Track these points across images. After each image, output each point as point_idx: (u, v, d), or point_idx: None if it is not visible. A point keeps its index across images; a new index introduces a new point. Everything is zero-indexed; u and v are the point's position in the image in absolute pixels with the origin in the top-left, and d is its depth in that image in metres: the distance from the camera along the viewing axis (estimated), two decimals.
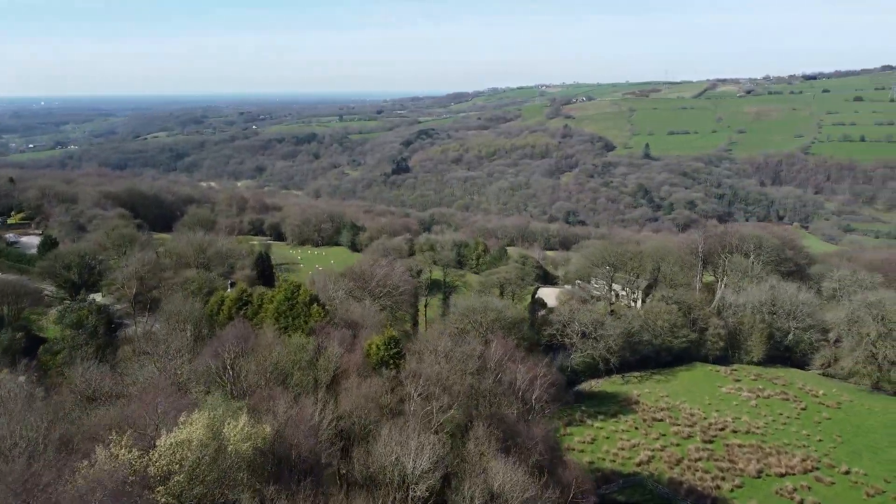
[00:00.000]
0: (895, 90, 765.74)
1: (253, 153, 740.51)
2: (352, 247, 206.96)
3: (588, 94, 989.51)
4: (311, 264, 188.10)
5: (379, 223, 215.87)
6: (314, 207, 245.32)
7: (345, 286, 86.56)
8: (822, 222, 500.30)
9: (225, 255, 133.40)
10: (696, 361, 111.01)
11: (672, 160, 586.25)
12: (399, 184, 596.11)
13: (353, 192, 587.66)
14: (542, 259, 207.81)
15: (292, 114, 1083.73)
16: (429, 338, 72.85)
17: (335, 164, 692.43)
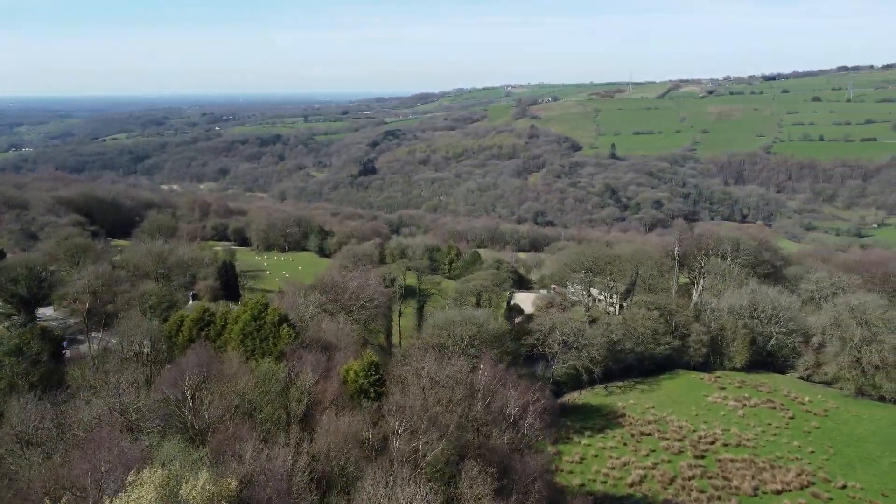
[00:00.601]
0: (851, 91, 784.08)
1: (216, 155, 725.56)
2: (320, 252, 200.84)
3: (554, 94, 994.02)
4: (278, 271, 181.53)
5: (348, 227, 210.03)
6: (280, 211, 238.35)
7: (316, 300, 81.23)
8: (784, 220, 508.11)
9: (186, 264, 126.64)
10: (678, 369, 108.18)
11: (638, 160, 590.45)
12: (366, 185, 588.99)
13: (320, 193, 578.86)
14: (515, 262, 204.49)
15: (256, 115, 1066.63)
16: (410, 357, 67.91)
17: (301, 166, 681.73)
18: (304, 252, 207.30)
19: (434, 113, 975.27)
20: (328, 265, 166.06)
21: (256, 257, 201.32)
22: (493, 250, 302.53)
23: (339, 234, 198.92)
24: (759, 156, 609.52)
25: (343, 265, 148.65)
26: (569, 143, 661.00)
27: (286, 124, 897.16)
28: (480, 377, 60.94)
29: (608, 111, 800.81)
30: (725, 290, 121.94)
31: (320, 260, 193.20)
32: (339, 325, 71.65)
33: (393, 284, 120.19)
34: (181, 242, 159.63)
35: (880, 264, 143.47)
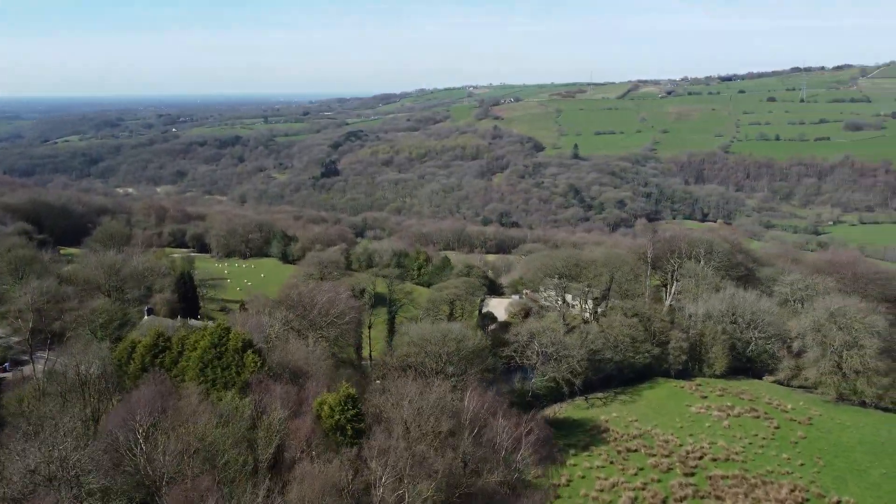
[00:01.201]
0: (804, 91, 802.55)
1: (173, 157, 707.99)
2: (283, 258, 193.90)
3: (515, 94, 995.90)
4: (240, 279, 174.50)
5: (312, 232, 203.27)
6: (241, 216, 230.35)
7: (282, 317, 75.59)
8: (744, 219, 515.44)
9: (141, 276, 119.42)
10: (657, 377, 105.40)
11: (600, 160, 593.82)
12: (329, 187, 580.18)
13: (281, 196, 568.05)
14: (484, 265, 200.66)
15: (214, 116, 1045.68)
16: (388, 380, 62.86)
17: (261, 168, 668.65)
18: (267, 258, 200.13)
19: (396, 113, 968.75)
20: (292, 272, 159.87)
21: (216, 265, 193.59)
22: (461, 253, 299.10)
23: (302, 240, 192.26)
24: (718, 155, 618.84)
25: (308, 273, 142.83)
26: (532, 143, 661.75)
27: (246, 125, 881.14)
28: (467, 405, 56.52)
29: (570, 111, 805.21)
30: (700, 294, 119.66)
31: (284, 267, 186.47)
32: (309, 347, 66.24)
33: (363, 295, 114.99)
34: (136, 251, 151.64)
35: (850, 264, 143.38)
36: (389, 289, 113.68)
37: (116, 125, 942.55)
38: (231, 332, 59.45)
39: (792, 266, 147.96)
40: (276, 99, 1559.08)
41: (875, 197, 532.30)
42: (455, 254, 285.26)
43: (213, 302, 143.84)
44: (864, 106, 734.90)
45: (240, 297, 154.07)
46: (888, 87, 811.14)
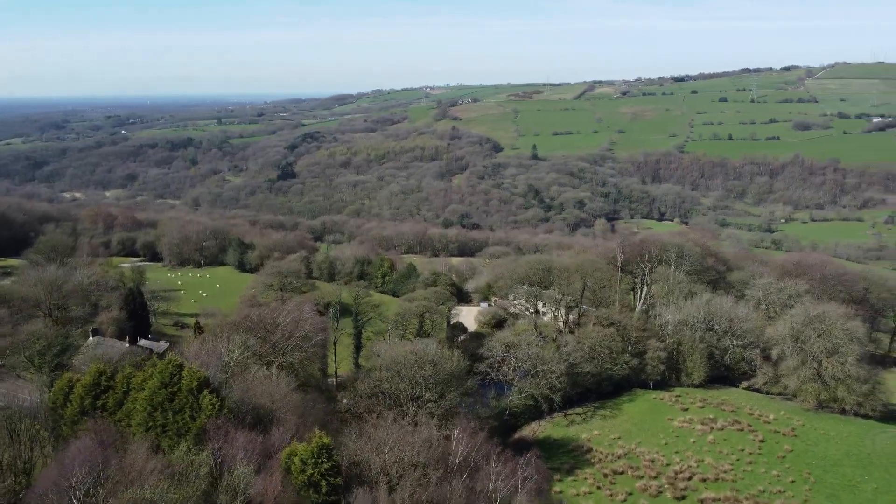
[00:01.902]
0: (754, 91, 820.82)
1: (123, 160, 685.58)
2: (240, 266, 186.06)
3: (473, 95, 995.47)
4: (194, 290, 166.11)
5: (270, 239, 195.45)
6: (195, 223, 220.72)
7: (242, 342, 68.98)
8: (700, 218, 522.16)
9: (86, 292, 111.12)
10: (635, 388, 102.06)
11: (559, 160, 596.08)
12: (285, 190, 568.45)
13: (236, 199, 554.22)
14: (449, 270, 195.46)
15: (166, 117, 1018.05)
16: (362, 410, 57.18)
17: (215, 171, 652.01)
18: (223, 267, 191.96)
19: (353, 114, 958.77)
20: (250, 282, 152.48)
21: (169, 274, 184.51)
22: (424, 257, 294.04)
23: (260, 247, 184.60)
24: (674, 155, 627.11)
25: (267, 284, 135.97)
26: (490, 144, 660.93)
27: (198, 127, 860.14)
28: (455, 448, 51.51)
29: (527, 112, 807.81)
30: (673, 300, 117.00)
31: (241, 276, 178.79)
32: (273, 379, 59.97)
33: (327, 310, 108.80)
34: (82, 262, 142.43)
35: (818, 266, 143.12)
36: (356, 302, 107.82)
37: (62, 127, 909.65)
38: (184, 370, 52.53)
39: (760, 268, 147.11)
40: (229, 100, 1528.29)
41: (824, 195, 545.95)
42: (418, 258, 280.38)
43: (165, 316, 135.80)
44: (810, 106, 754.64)
45: (195, 309, 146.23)
46: (833, 87, 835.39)
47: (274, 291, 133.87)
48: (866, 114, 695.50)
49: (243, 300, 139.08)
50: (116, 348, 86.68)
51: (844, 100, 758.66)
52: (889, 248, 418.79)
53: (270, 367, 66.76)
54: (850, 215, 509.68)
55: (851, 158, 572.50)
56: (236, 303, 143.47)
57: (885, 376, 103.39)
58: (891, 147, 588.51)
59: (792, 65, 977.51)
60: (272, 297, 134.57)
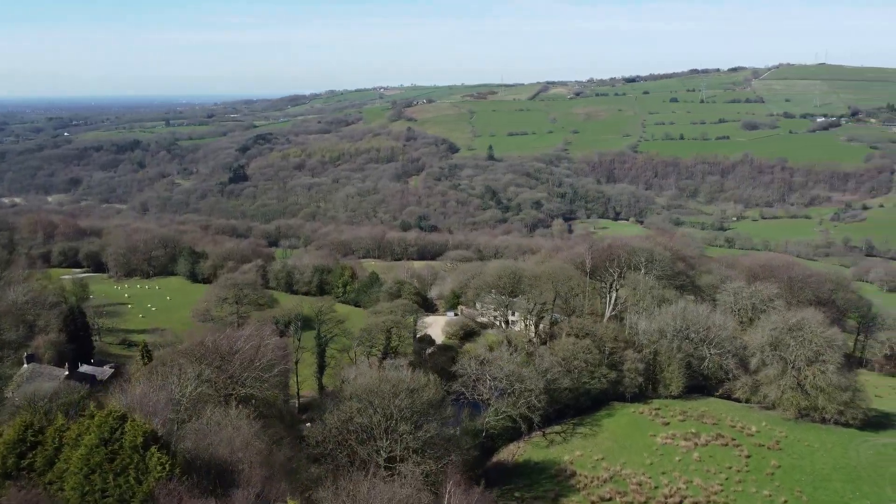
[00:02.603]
0: (704, 92, 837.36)
1: (66, 163, 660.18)
2: (191, 277, 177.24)
3: (427, 96, 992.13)
4: (143, 303, 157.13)
5: (223, 247, 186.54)
6: (143, 230, 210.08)
7: (196, 374, 61.89)
8: (655, 217, 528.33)
9: (21, 311, 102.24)
10: (613, 402, 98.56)
11: (515, 161, 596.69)
12: (238, 193, 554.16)
13: (187, 204, 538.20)
14: (411, 276, 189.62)
15: (111, 119, 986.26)
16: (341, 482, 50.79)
17: (164, 174, 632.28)
18: (173, 277, 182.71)
19: (306, 115, 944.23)
20: (203, 294, 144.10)
21: (115, 287, 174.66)
22: (383, 261, 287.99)
23: (213, 256, 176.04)
24: (627, 155, 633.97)
25: (222, 297, 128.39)
26: (446, 144, 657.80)
27: (146, 129, 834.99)
28: None
29: (482, 112, 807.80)
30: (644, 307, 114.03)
31: (192, 287, 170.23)
32: (233, 422, 53.37)
33: (288, 328, 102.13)
34: (18, 276, 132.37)
35: (784, 268, 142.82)
36: (318, 319, 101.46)
37: (0, 129, 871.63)
38: (128, 422, 45.42)
39: (728, 271, 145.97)
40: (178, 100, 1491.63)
41: (773, 193, 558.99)
42: (377, 263, 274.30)
43: (111, 334, 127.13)
44: (758, 106, 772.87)
45: (143, 324, 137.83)
46: (778, 88, 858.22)
47: (229, 305, 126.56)
48: (810, 114, 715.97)
49: (196, 314, 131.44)
50: (54, 376, 78.98)
51: (789, 100, 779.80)
52: (836, 244, 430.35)
53: (229, 402, 60.42)
54: (798, 213, 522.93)
55: (798, 157, 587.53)
56: (188, 317, 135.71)
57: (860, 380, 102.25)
58: (834, 146, 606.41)
59: (738, 66, 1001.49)
60: (227, 311, 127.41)
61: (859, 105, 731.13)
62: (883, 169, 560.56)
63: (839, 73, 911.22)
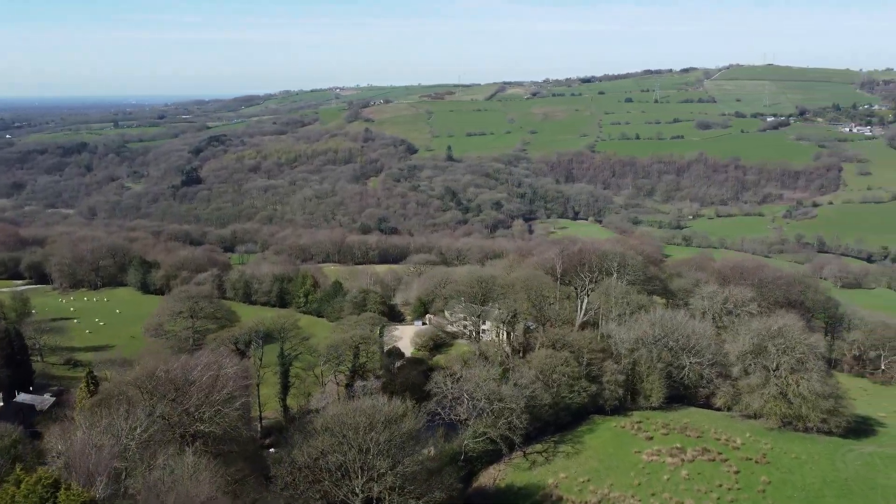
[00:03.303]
0: (658, 92, 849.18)
1: (7, 167, 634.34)
2: (142, 288, 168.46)
3: (384, 96, 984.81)
4: (90, 317, 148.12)
5: (177, 256, 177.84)
6: (90, 238, 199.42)
7: (146, 413, 54.82)
8: (613, 216, 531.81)
9: None
10: (593, 415, 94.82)
11: (474, 161, 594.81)
12: (191, 197, 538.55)
13: (137, 208, 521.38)
14: (375, 282, 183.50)
15: (56, 120, 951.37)
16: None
17: (113, 177, 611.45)
18: (123, 288, 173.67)
19: (261, 116, 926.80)
20: (156, 308, 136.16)
21: (60, 300, 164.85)
22: (344, 266, 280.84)
23: (165, 266, 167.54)
24: (585, 154, 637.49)
25: (176, 311, 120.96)
26: (405, 145, 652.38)
27: (93, 131, 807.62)
28: None
29: (440, 113, 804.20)
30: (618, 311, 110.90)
31: (144, 298, 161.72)
32: (190, 472, 46.96)
33: (248, 347, 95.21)
34: None
35: (755, 270, 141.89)
36: (281, 336, 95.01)
37: None
38: (61, 491, 38.11)
39: (699, 274, 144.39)
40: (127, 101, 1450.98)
41: (727, 191, 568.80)
42: (338, 267, 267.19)
43: (55, 353, 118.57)
44: (710, 106, 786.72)
45: (90, 340, 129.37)
46: (729, 88, 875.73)
47: (184, 319, 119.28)
48: (761, 113, 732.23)
49: (148, 329, 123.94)
50: None
51: (740, 100, 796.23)
52: (789, 241, 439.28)
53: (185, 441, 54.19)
54: (752, 210, 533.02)
55: (750, 156, 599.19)
56: (140, 332, 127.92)
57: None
58: (784, 145, 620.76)
59: (691, 66, 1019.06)
60: (182, 325, 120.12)
61: (806, 105, 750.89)
62: (831, 167, 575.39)
63: (786, 73, 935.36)
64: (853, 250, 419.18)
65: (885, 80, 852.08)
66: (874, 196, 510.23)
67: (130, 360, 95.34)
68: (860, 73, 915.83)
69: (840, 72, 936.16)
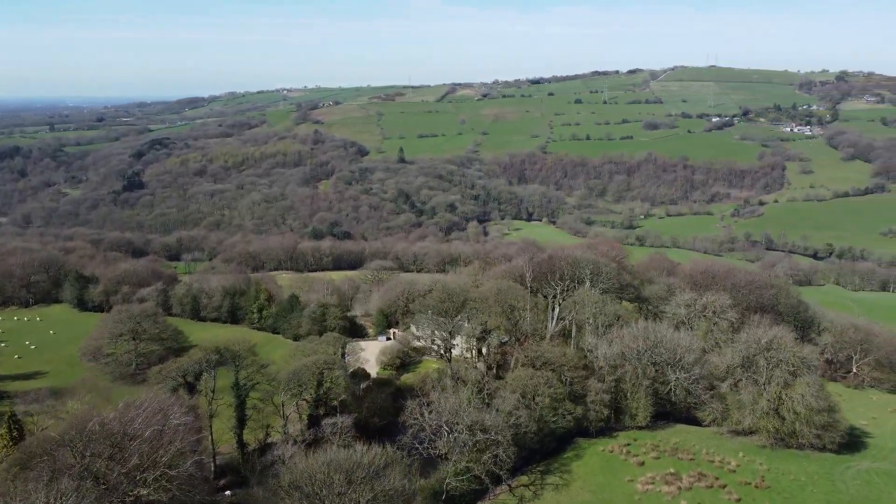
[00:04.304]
0: (606, 93, 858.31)
1: None
2: (79, 305, 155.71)
3: (334, 98, 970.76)
4: (20, 340, 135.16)
5: (118, 269, 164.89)
6: (20, 251, 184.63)
7: (74, 487, 45.02)
8: (567, 217, 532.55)
9: None
10: (577, 438, 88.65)
11: (426, 163, 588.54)
12: (133, 203, 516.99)
13: (76, 215, 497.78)
14: (331, 291, 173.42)
15: None
16: None
17: (49, 183, 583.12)
18: (57, 306, 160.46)
19: (206, 118, 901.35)
20: (95, 328, 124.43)
21: None
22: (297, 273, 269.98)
23: (105, 281, 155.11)
24: (537, 155, 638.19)
25: (116, 333, 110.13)
26: (355, 147, 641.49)
27: (27, 134, 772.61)
28: None
29: (391, 114, 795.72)
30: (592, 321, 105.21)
31: (81, 317, 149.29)
32: None
33: (198, 381, 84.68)
34: None
35: (726, 274, 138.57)
36: (236, 365, 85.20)
37: None
38: None
39: (670, 279, 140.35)
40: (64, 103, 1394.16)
41: (676, 191, 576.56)
42: (291, 276, 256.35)
43: None
44: (657, 107, 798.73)
45: (20, 367, 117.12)
46: (674, 89, 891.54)
47: (125, 342, 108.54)
48: (706, 113, 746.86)
49: (85, 353, 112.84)
50: None
51: (685, 100, 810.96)
52: (739, 240, 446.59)
53: None
54: (701, 210, 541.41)
55: (697, 155, 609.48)
56: (76, 355, 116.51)
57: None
58: (729, 145, 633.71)
59: (637, 68, 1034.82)
60: (123, 348, 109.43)
61: (749, 105, 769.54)
62: (775, 166, 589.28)
63: (729, 74, 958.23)
64: (800, 248, 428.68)
65: (821, 81, 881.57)
66: (816, 194, 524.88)
67: (64, 392, 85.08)
68: (798, 74, 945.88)
69: (779, 73, 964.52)
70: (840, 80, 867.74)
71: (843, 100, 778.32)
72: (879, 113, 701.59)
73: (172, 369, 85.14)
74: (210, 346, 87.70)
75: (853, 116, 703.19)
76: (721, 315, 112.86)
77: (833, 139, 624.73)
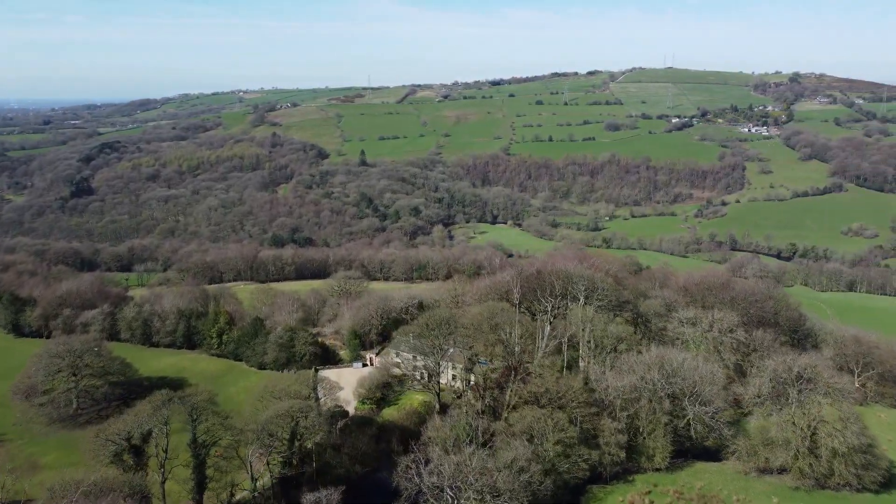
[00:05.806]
0: (566, 94, 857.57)
1: None
2: (14, 330, 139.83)
3: (291, 99, 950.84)
4: None
5: (59, 289, 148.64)
6: None
7: None
8: (532, 219, 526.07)
9: None
10: (590, 485, 78.23)
11: (388, 166, 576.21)
12: (82, 209, 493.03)
13: (20, 223, 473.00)
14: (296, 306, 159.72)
15: None
16: None
17: None
18: None
19: (159, 121, 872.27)
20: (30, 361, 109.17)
21: None
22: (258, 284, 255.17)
23: (44, 303, 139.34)
24: (500, 157, 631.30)
25: (54, 368, 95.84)
26: (315, 150, 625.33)
27: None
28: None
29: (350, 116, 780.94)
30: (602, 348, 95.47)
31: (16, 344, 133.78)
32: None
33: (149, 439, 71.20)
34: None
35: (724, 286, 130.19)
36: (193, 420, 71.52)
37: None
38: None
39: (664, 292, 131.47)
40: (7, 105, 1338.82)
41: (640, 192, 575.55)
42: (251, 287, 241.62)
43: None
44: (617, 108, 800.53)
45: None
46: (633, 91, 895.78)
47: (64, 378, 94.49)
48: (665, 114, 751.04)
49: (18, 390, 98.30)
50: None
51: (644, 102, 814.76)
52: (704, 240, 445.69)
53: None
54: (665, 210, 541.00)
55: (659, 156, 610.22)
56: (7, 394, 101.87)
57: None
58: (690, 145, 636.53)
59: (596, 69, 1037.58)
60: (62, 385, 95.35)
61: (706, 106, 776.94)
62: (735, 166, 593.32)
63: (685, 76, 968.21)
64: (764, 248, 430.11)
65: (775, 83, 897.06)
66: (777, 194, 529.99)
67: None
68: (753, 75, 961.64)
69: (735, 74, 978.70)
70: (793, 82, 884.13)
71: (797, 100, 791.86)
72: (832, 113, 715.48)
73: (113, 432, 71.24)
74: (160, 398, 73.86)
75: (807, 117, 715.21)
76: (728, 333, 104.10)
77: (790, 139, 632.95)
